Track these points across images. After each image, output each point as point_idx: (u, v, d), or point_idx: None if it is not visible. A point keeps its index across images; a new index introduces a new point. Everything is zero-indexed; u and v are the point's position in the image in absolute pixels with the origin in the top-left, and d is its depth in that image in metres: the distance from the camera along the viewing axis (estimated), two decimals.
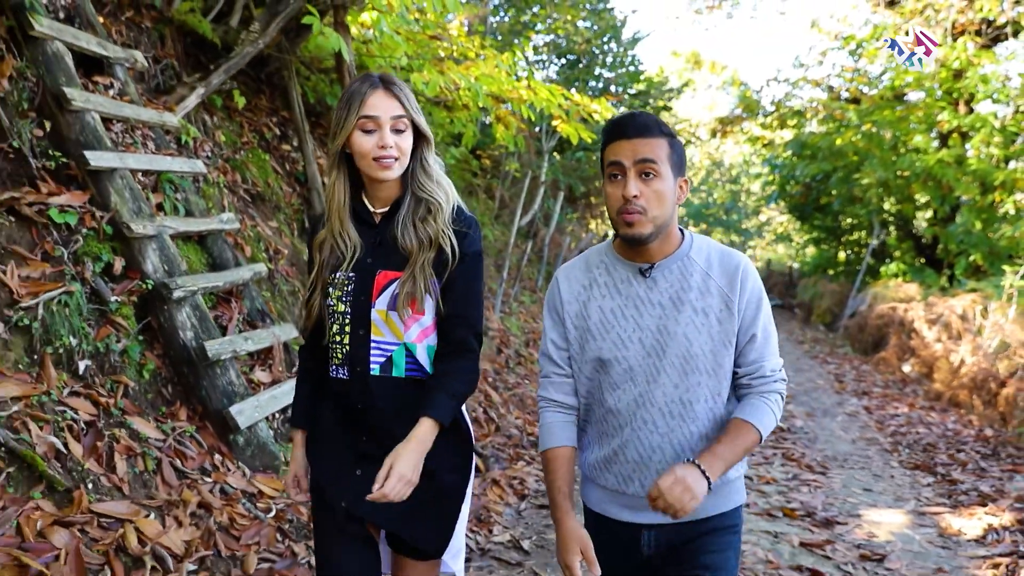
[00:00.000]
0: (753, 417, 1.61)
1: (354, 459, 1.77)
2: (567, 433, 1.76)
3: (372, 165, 1.66)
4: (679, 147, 1.64)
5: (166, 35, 5.05)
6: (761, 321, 1.65)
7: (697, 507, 1.54)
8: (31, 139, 3.29)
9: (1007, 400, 6.59)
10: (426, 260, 1.68)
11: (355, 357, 1.73)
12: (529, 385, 6.66)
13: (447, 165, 8.31)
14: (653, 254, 1.66)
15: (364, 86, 1.67)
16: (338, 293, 1.75)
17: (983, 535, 3.94)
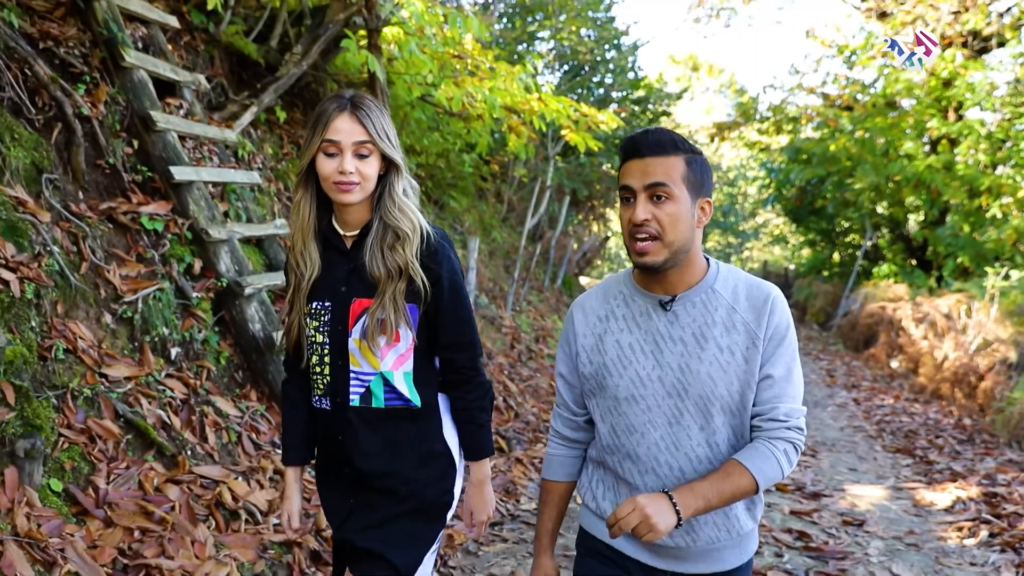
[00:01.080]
0: (750, 461, 1.46)
1: (344, 487, 1.80)
2: (566, 469, 1.72)
3: (332, 188, 1.64)
4: (699, 165, 1.50)
5: (215, 56, 5.54)
6: (782, 360, 1.51)
7: (724, 556, 1.55)
8: (123, 156, 3.79)
9: (985, 392, 7.11)
10: (396, 290, 1.66)
11: (335, 388, 1.72)
12: (541, 377, 7.17)
13: (464, 171, 8.80)
14: (674, 285, 1.53)
15: (331, 107, 1.64)
16: (316, 323, 1.73)
17: (951, 505, 4.46)
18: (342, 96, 1.66)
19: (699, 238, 1.54)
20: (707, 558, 1.57)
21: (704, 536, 1.55)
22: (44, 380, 2.85)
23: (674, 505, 1.39)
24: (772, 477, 1.48)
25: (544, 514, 1.74)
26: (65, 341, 3.00)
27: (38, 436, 2.60)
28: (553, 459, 1.74)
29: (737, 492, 1.45)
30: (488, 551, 3.53)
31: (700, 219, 1.52)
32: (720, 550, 1.57)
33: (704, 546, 1.55)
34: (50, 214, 3.26)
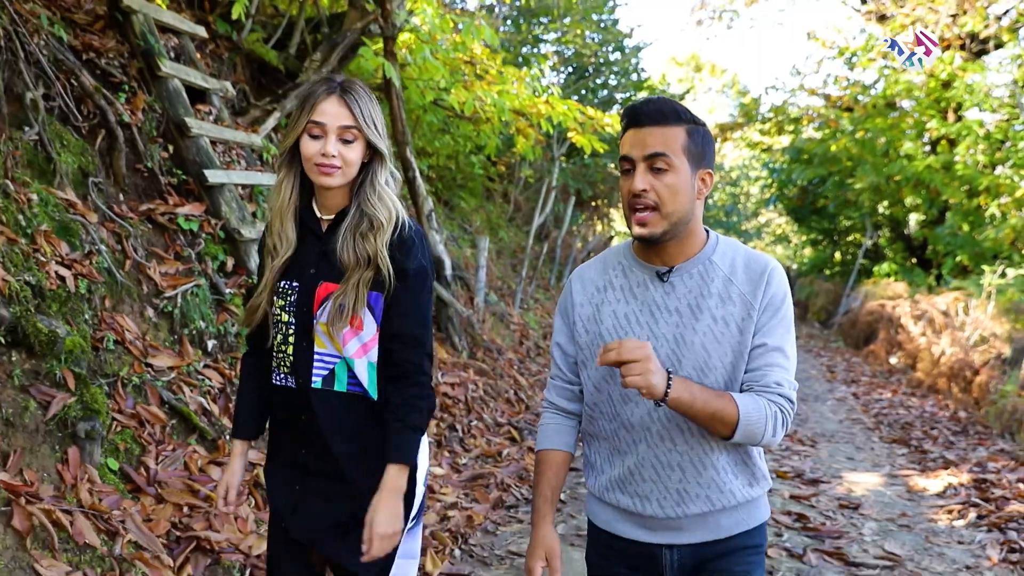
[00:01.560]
0: (740, 399, 1.46)
1: (294, 473, 1.75)
2: (562, 438, 1.68)
3: (312, 170, 1.63)
4: (700, 135, 1.49)
5: (237, 63, 5.78)
6: (776, 330, 1.50)
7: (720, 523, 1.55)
8: (159, 160, 4.03)
9: (980, 387, 7.33)
10: (361, 278, 1.64)
11: (299, 368, 1.70)
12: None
13: (474, 173, 9.04)
14: (672, 256, 1.53)
15: (320, 89, 1.64)
16: (282, 303, 1.72)
17: (943, 491, 4.68)
18: (332, 79, 1.65)
19: (699, 210, 1.53)
20: (702, 526, 1.55)
21: (694, 507, 1.53)
22: (97, 369, 3.08)
23: (668, 380, 1.39)
24: (755, 427, 1.44)
25: (541, 483, 1.66)
26: (114, 333, 3.23)
27: (96, 419, 2.84)
28: (548, 427, 1.69)
29: (717, 414, 1.42)
30: (505, 530, 3.77)
31: (700, 190, 1.51)
32: (714, 515, 1.54)
33: (696, 515, 1.54)
34: (96, 215, 3.50)
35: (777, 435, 1.47)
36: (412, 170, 6.10)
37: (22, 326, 2.73)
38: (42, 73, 3.51)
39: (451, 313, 6.19)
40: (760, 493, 1.59)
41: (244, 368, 1.88)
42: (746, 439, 1.46)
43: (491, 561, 3.40)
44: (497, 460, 4.73)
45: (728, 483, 1.54)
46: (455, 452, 4.64)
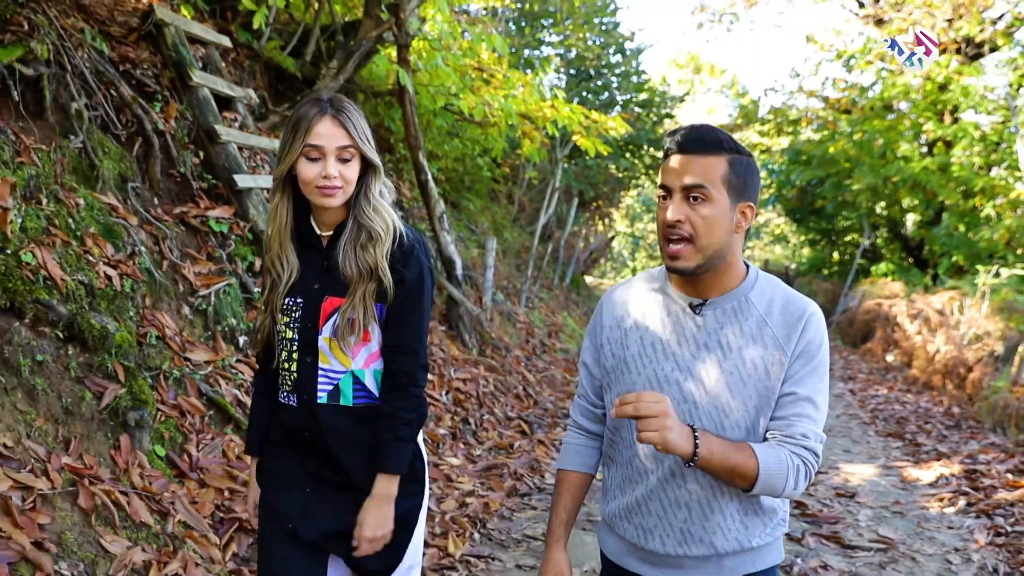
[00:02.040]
0: (761, 450, 1.39)
1: (305, 475, 1.76)
2: (582, 459, 1.67)
3: (314, 192, 1.63)
4: (743, 166, 1.43)
5: (256, 70, 5.99)
6: (809, 380, 1.43)
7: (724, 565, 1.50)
8: (191, 166, 4.24)
9: (973, 383, 7.55)
10: (366, 290, 1.66)
11: (302, 385, 1.71)
12: (555, 369, 7.62)
13: (482, 175, 9.25)
14: (707, 289, 1.48)
15: (312, 112, 1.62)
16: (286, 319, 1.72)
17: (935, 480, 4.90)
18: (321, 99, 1.65)
19: (738, 244, 1.47)
20: (703, 567, 1.51)
21: (696, 549, 1.49)
22: (141, 362, 3.30)
23: (695, 437, 1.34)
24: (775, 481, 1.37)
25: (557, 504, 1.64)
26: (156, 329, 3.45)
27: (144, 409, 3.05)
28: (569, 448, 1.68)
29: (737, 468, 1.36)
30: (520, 516, 3.98)
31: (740, 224, 1.45)
32: (716, 558, 1.50)
33: (698, 556, 1.50)
34: (136, 218, 3.71)
35: (798, 488, 1.40)
36: (424, 173, 6.31)
37: (77, 322, 2.94)
38: (85, 84, 3.72)
39: (462, 312, 6.40)
40: (771, 540, 1.52)
41: (255, 386, 1.90)
42: (766, 492, 1.40)
43: (508, 544, 3.62)
44: (509, 452, 4.95)
45: (733, 530, 1.48)
46: (469, 444, 4.86)
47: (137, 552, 2.55)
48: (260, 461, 1.86)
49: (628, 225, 30.26)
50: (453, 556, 3.34)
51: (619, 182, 16.20)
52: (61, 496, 2.54)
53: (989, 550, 3.72)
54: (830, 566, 3.47)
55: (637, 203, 29.21)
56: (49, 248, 3.00)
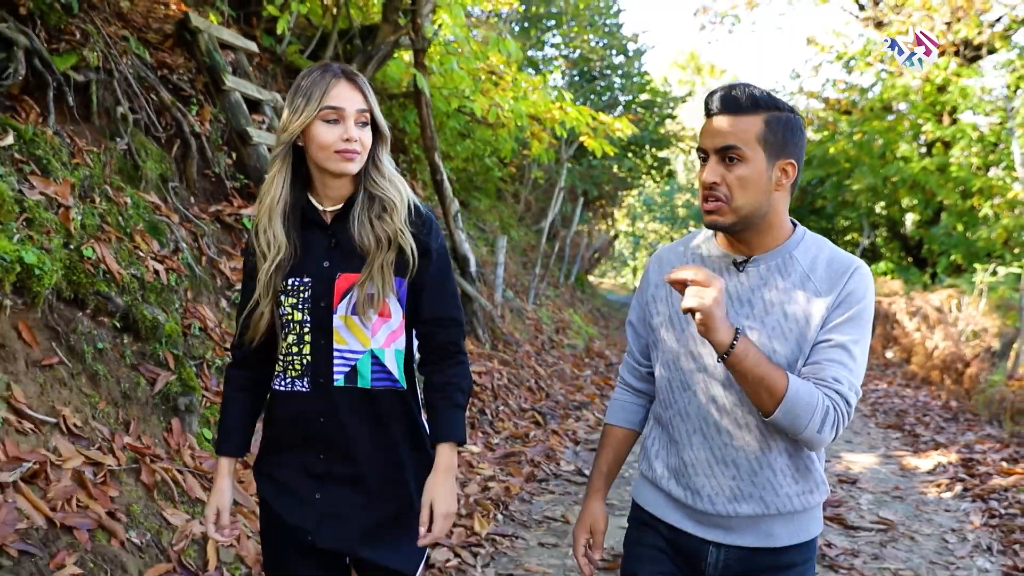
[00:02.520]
0: (794, 380, 1.37)
1: (311, 481, 1.64)
2: (627, 414, 1.69)
3: (334, 157, 1.55)
4: (782, 124, 1.41)
5: (278, 73, 6.20)
6: (847, 327, 1.41)
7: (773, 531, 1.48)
8: (225, 166, 4.45)
9: (970, 378, 7.77)
10: (385, 260, 1.58)
11: (317, 368, 1.61)
12: (565, 364, 7.83)
13: (493, 175, 9.47)
14: (752, 246, 1.48)
15: (327, 75, 1.56)
16: (292, 300, 1.61)
17: (933, 468, 5.12)
18: (330, 66, 1.59)
19: (780, 201, 1.45)
20: (754, 530, 1.49)
21: (746, 507, 1.48)
22: (187, 351, 3.51)
23: (737, 331, 1.35)
24: (800, 410, 1.34)
25: (600, 456, 1.68)
26: (198, 320, 3.66)
27: (192, 395, 3.27)
28: (615, 403, 1.71)
29: (766, 380, 1.34)
30: (540, 499, 4.19)
31: (780, 181, 1.43)
32: (767, 520, 1.49)
33: (748, 516, 1.48)
34: (177, 216, 3.92)
35: (824, 432, 1.37)
36: (440, 173, 6.52)
37: (132, 313, 3.16)
38: (129, 89, 3.93)
39: (476, 308, 6.62)
40: (817, 502, 1.52)
41: (229, 381, 1.76)
42: (788, 422, 1.36)
43: (530, 524, 3.83)
44: (525, 441, 5.16)
45: (784, 487, 1.47)
46: (487, 433, 5.07)
47: (195, 525, 2.76)
48: (259, 468, 1.72)
49: (629, 224, 30.49)
50: (479, 535, 3.55)
51: (622, 182, 16.44)
52: (126, 472, 2.75)
53: (984, 530, 3.93)
54: (834, 544, 3.68)
55: (638, 203, 29.45)
56: (106, 243, 3.21)
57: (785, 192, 1.45)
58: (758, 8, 18.11)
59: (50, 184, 3.09)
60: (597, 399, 6.87)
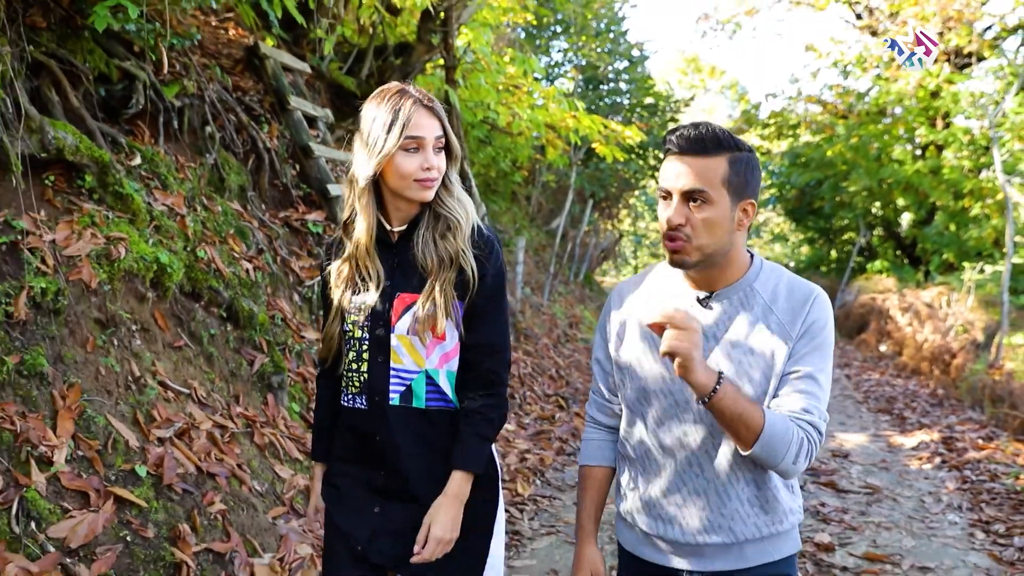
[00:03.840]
0: (770, 414, 1.39)
1: (370, 494, 1.68)
2: (603, 454, 1.68)
3: (413, 186, 1.57)
4: (744, 164, 1.43)
5: (321, 89, 6.79)
6: (811, 358, 1.44)
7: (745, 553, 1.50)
8: (290, 177, 5.04)
9: (956, 368, 8.37)
10: (447, 280, 1.58)
11: (374, 386, 1.64)
12: (579, 355, 8.43)
13: (513, 179, 10.07)
14: (713, 281, 1.50)
15: (407, 103, 1.57)
16: (355, 318, 1.65)
17: (917, 445, 5.73)
18: (406, 90, 1.60)
19: (741, 239, 1.49)
20: (724, 555, 1.52)
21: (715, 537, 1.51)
22: (272, 338, 4.10)
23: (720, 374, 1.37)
24: (777, 444, 1.37)
25: (585, 499, 1.67)
26: (279, 312, 4.25)
27: (282, 374, 3.86)
28: (590, 444, 1.70)
29: (744, 416, 1.37)
30: (571, 469, 4.79)
31: (741, 221, 1.46)
32: (737, 546, 1.52)
33: (718, 544, 1.51)
34: (255, 221, 4.51)
35: (799, 463, 1.40)
36: (468, 179, 7.11)
37: (234, 305, 3.75)
38: (214, 111, 4.52)
39: None
40: (788, 528, 1.53)
41: (320, 390, 1.84)
42: (766, 455, 1.39)
43: (564, 488, 4.43)
44: (552, 422, 5.76)
45: (752, 517, 1.50)
46: (519, 414, 5.67)
47: (300, 478, 3.36)
48: (326, 475, 1.80)
49: (631, 224, 31.08)
50: (523, 496, 4.15)
51: (626, 183, 17.02)
52: (242, 435, 3.34)
53: (956, 493, 4.53)
54: (827, 504, 4.28)
55: (639, 202, 30.03)
56: (212, 246, 3.80)
57: (744, 231, 1.49)
58: (758, 15, 18.71)
59: (168, 196, 3.68)
60: None
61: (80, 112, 3.37)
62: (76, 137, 3.18)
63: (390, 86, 1.63)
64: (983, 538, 3.77)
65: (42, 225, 2.93)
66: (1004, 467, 4.87)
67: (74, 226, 3.05)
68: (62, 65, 3.32)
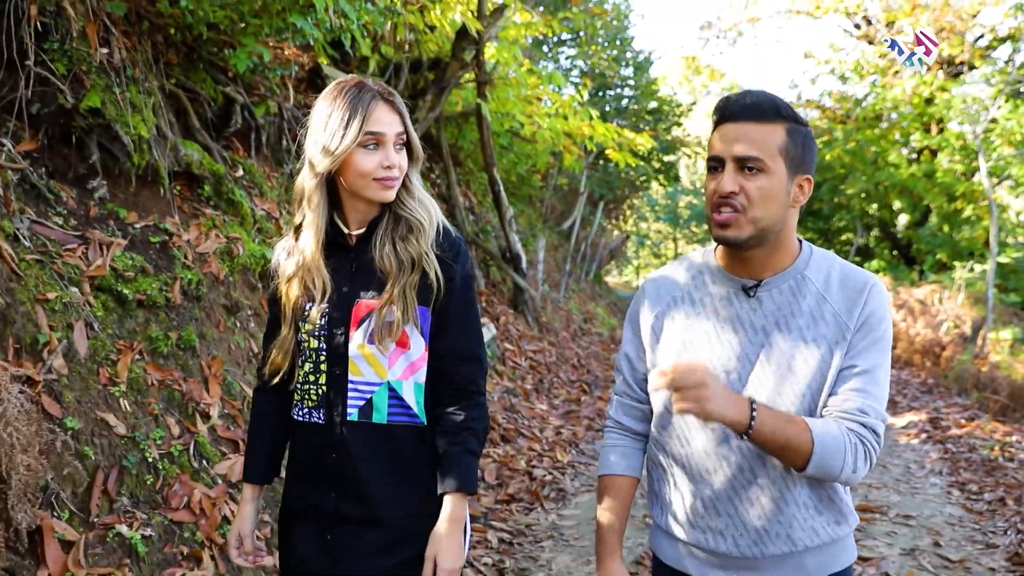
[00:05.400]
0: (816, 426, 1.29)
1: (322, 521, 1.56)
2: (628, 461, 1.55)
3: (373, 186, 1.47)
4: (801, 137, 1.34)
5: None
6: (869, 353, 1.34)
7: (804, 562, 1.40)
8: None
9: (946, 359, 9.03)
10: (408, 284, 1.48)
11: (331, 400, 1.52)
12: (595, 347, 9.08)
13: (533, 183, 10.72)
14: (760, 268, 1.39)
15: (366, 96, 1.46)
16: (310, 327, 1.54)
17: (906, 425, 6.37)
18: (365, 83, 1.49)
19: (793, 219, 1.39)
20: (780, 567, 1.41)
21: (773, 547, 1.40)
22: None
23: (752, 408, 1.27)
24: (831, 460, 1.28)
25: (607, 512, 1.54)
26: None
27: None
28: (613, 451, 1.57)
29: (791, 444, 1.28)
30: (600, 442, 5.44)
31: (796, 198, 1.37)
32: (796, 556, 1.41)
33: (775, 555, 1.40)
34: None
35: (858, 470, 1.32)
36: (497, 185, 7.76)
37: None
38: (288, 127, 5.16)
39: (526, 297, 7.86)
40: (847, 532, 1.45)
41: (256, 405, 1.71)
42: (821, 473, 1.31)
43: (596, 458, 5.08)
44: (578, 404, 6.41)
45: (811, 520, 1.40)
46: (549, 396, 6.32)
47: None
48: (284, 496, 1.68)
49: (634, 224, 31.77)
50: (563, 462, 4.79)
51: (632, 185, 17.68)
52: None
53: (938, 462, 5.18)
54: None
55: (642, 203, 30.71)
56: None
57: (796, 210, 1.40)
58: (760, 22, 19.36)
59: (265, 202, 4.33)
60: None
61: (200, 132, 4.01)
62: (200, 154, 3.82)
63: (348, 78, 1.52)
64: (959, 495, 4.42)
65: (179, 227, 3.57)
66: (982, 441, 5.52)
67: (201, 228, 3.69)
68: (188, 93, 3.95)
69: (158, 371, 3.02)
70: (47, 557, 2.23)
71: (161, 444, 2.80)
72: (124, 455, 2.65)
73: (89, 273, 2.93)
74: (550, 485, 4.38)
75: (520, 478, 4.36)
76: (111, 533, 2.44)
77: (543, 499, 4.16)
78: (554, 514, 4.00)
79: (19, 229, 2.80)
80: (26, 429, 2.08)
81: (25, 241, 2.78)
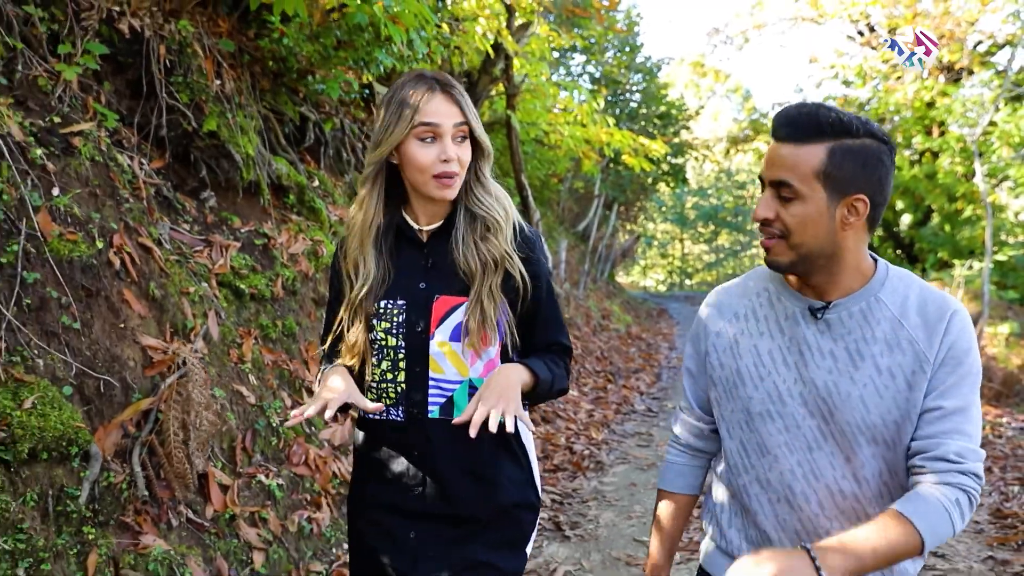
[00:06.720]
0: (916, 514, 1.17)
1: (404, 520, 1.55)
2: (686, 479, 1.52)
3: (432, 183, 1.44)
4: (851, 154, 1.22)
5: None
6: (958, 389, 1.23)
7: None
8: None
9: None
10: (493, 284, 1.46)
11: (411, 398, 1.50)
12: (615, 342, 9.65)
13: (555, 187, 11.29)
14: (827, 290, 1.30)
15: (420, 87, 1.42)
16: (386, 325, 1.51)
17: None
18: (424, 75, 1.46)
19: (855, 240, 1.27)
20: None
21: None
22: None
23: (816, 569, 1.11)
24: (942, 535, 1.18)
25: (664, 529, 1.53)
26: None
27: None
28: (673, 467, 1.54)
29: (897, 552, 1.15)
30: (628, 424, 6.00)
31: (846, 220, 1.25)
32: None
33: None
34: None
35: (965, 520, 1.22)
36: (525, 190, 8.32)
37: None
38: (348, 139, 5.74)
39: None
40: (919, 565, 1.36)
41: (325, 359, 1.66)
42: (937, 544, 1.20)
43: (626, 436, 5.64)
44: (604, 392, 6.97)
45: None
46: (578, 384, 6.89)
47: None
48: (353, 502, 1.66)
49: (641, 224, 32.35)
50: (597, 439, 5.36)
51: (643, 188, 18.24)
52: None
53: None
54: None
55: (650, 205, 31.30)
56: None
57: (857, 231, 1.27)
58: (766, 27, 19.91)
59: (337, 208, 4.90)
60: (646, 367, 8.68)
61: (284, 149, 4.59)
62: (286, 167, 4.39)
63: (410, 72, 1.51)
64: None
65: (274, 231, 4.14)
66: None
67: (290, 232, 4.26)
68: (275, 115, 4.53)
69: (270, 353, 3.59)
70: (211, 496, 2.80)
71: (280, 412, 3.37)
72: (255, 420, 3.22)
73: (215, 271, 3.50)
74: (589, 458, 4.95)
75: (562, 452, 4.93)
76: (254, 481, 3.01)
77: (584, 469, 4.72)
78: (595, 481, 4.56)
79: (162, 234, 3.37)
80: (206, 391, 2.65)
81: (166, 244, 3.35)
